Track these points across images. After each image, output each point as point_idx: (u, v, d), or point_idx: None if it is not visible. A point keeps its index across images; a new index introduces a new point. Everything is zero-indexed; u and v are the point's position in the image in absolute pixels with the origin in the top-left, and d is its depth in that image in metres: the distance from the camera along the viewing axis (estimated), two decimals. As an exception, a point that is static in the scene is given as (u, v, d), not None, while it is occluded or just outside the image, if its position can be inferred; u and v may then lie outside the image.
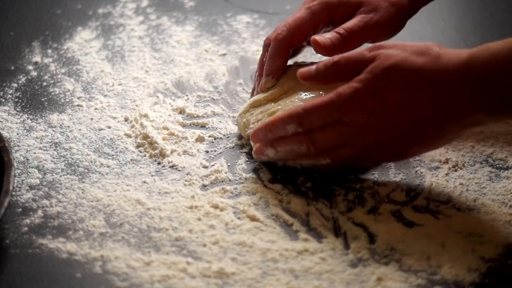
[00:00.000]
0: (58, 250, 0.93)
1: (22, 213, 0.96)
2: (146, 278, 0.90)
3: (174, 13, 1.32)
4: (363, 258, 0.93)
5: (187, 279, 0.90)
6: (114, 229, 0.95)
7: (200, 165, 1.05)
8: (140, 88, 1.17)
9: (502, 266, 0.92)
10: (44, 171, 1.02)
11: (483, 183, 1.02)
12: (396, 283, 0.90)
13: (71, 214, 0.97)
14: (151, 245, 0.94)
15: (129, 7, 1.33)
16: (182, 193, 1.00)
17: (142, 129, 1.09)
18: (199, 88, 1.17)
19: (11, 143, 1.06)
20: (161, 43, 1.26)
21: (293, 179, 1.03)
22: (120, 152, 1.06)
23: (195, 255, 0.93)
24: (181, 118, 1.12)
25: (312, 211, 0.98)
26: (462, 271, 0.91)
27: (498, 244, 0.94)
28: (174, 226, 0.96)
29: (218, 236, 0.95)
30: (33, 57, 1.21)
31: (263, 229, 0.96)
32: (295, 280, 0.90)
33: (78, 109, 1.13)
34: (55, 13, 1.31)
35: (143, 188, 1.01)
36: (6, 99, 1.13)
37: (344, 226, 0.96)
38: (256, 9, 1.34)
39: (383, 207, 0.99)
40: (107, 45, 1.25)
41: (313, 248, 0.94)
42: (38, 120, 1.10)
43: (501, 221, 0.97)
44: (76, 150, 1.06)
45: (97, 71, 1.20)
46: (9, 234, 0.94)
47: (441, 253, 0.93)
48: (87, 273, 0.90)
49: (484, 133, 1.09)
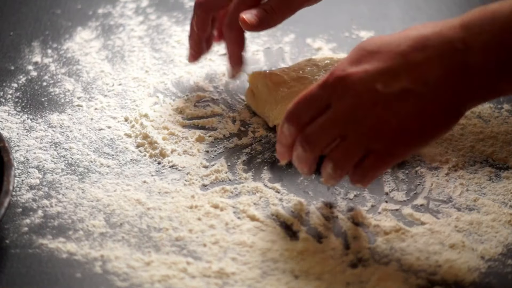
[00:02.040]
0: (58, 250, 0.93)
1: (22, 213, 0.96)
2: (146, 278, 0.90)
3: (174, 13, 1.32)
4: (363, 258, 0.93)
5: (187, 279, 0.90)
6: (114, 229, 0.95)
7: (200, 165, 1.05)
8: (140, 88, 1.17)
9: (502, 266, 0.92)
10: (44, 171, 1.02)
11: (483, 183, 1.02)
12: (396, 283, 0.90)
13: (71, 214, 0.97)
14: (151, 245, 0.94)
15: (129, 7, 1.33)
16: (182, 193, 1.00)
17: (142, 129, 1.09)
18: (199, 88, 1.17)
19: (11, 143, 1.06)
20: (161, 43, 1.26)
21: (293, 179, 1.03)
22: (120, 152, 1.06)
23: (195, 255, 0.93)
24: (181, 118, 1.12)
25: (312, 211, 0.98)
26: (462, 271, 0.91)
27: (498, 244, 0.94)
28: (174, 226, 0.96)
29: (218, 236, 0.95)
30: (33, 57, 1.21)
31: (263, 229, 0.96)
32: (295, 280, 0.90)
33: (78, 109, 1.13)
34: (55, 13, 1.31)
35: (143, 188, 1.01)
36: (6, 99, 1.13)
37: (344, 226, 0.97)
38: (256, 9, 1.33)
39: (383, 207, 0.99)
40: (107, 45, 1.25)
41: (313, 248, 0.94)
42: (38, 120, 1.10)
43: (501, 221, 0.97)
44: (76, 150, 1.06)
45: (97, 71, 1.20)
46: (9, 234, 0.94)
47: (441, 253, 0.93)
48: (87, 273, 0.90)
49: (484, 133, 1.09)
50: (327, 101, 0.89)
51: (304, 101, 0.90)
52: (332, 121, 0.88)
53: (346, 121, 0.88)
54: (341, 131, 0.89)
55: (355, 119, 0.87)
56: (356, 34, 1.29)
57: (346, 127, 0.88)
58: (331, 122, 0.89)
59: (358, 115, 0.87)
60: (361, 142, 0.88)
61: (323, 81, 0.89)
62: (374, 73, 0.86)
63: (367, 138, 0.88)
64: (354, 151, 0.89)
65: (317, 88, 0.89)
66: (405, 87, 0.86)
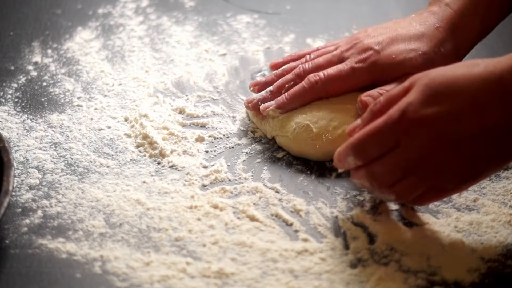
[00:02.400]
0: (58, 250, 0.93)
1: (21, 213, 0.96)
2: (145, 278, 0.90)
3: (174, 13, 1.32)
4: (362, 258, 0.93)
5: (187, 279, 0.90)
6: (113, 229, 0.95)
7: (200, 165, 1.05)
8: (140, 88, 1.17)
9: (502, 266, 0.92)
10: (43, 171, 1.02)
11: (483, 183, 1.02)
12: (396, 284, 0.90)
13: (71, 214, 0.97)
14: (150, 245, 0.94)
15: (129, 7, 1.33)
16: (182, 193, 1.00)
17: (142, 129, 1.09)
18: (199, 88, 1.17)
19: (11, 143, 1.06)
20: (161, 43, 1.26)
21: (293, 179, 1.03)
22: (120, 152, 1.06)
23: (195, 255, 0.93)
24: (181, 118, 1.12)
25: (312, 211, 0.98)
26: (462, 271, 0.91)
27: (498, 244, 0.94)
28: (173, 226, 0.96)
29: (217, 236, 0.95)
30: (33, 57, 1.21)
31: (262, 229, 0.96)
32: (294, 280, 0.90)
33: (78, 109, 1.13)
34: (55, 13, 1.31)
35: (142, 188, 1.01)
36: (6, 99, 1.13)
37: (344, 226, 0.96)
38: (256, 9, 1.34)
39: (383, 207, 0.99)
40: (107, 45, 1.25)
41: (313, 248, 0.94)
42: (38, 120, 1.10)
43: (501, 221, 0.97)
44: (76, 150, 1.06)
45: (97, 71, 1.20)
46: (9, 234, 0.94)
47: (441, 253, 0.93)
48: (87, 273, 0.90)
49: (484, 133, 1.09)
50: (397, 140, 0.90)
51: (372, 137, 0.91)
52: (402, 161, 0.90)
53: (416, 162, 0.89)
54: (410, 170, 0.90)
55: (425, 160, 0.89)
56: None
57: (415, 167, 0.90)
58: (401, 162, 0.90)
59: (428, 156, 0.89)
60: (428, 181, 0.90)
61: (393, 120, 0.90)
62: (446, 116, 0.88)
63: (434, 178, 0.90)
64: (419, 188, 0.91)
65: (387, 126, 0.90)
66: (475, 131, 0.87)
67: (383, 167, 0.91)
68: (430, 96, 0.88)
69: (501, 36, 1.22)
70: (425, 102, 0.88)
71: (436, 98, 0.88)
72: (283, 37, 1.28)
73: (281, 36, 1.28)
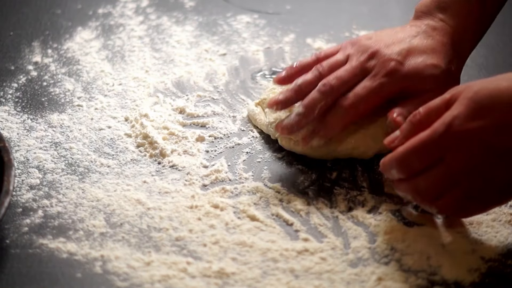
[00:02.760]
0: (59, 250, 0.93)
1: (22, 213, 0.96)
2: (146, 278, 0.90)
3: (174, 13, 1.32)
4: (363, 258, 0.93)
5: (187, 279, 0.90)
6: (114, 229, 0.95)
7: (200, 164, 1.05)
8: (140, 88, 1.17)
9: (502, 266, 0.92)
10: (44, 171, 1.02)
11: (483, 183, 1.02)
12: (396, 283, 0.90)
13: (71, 214, 0.97)
14: (151, 245, 0.94)
15: (129, 7, 1.33)
16: (182, 192, 1.00)
17: (142, 129, 1.09)
18: (199, 88, 1.17)
19: (11, 143, 1.06)
20: (161, 43, 1.26)
21: (293, 179, 1.03)
22: (120, 152, 1.06)
23: (195, 255, 0.93)
24: (181, 118, 1.12)
25: (312, 210, 0.98)
26: (462, 271, 0.91)
27: (498, 244, 0.94)
28: (174, 226, 0.96)
29: (218, 236, 0.95)
30: (33, 57, 1.21)
31: (263, 229, 0.96)
32: (295, 280, 0.90)
33: (78, 109, 1.13)
34: (55, 13, 1.31)
35: (143, 188, 1.01)
36: (6, 99, 1.13)
37: (344, 226, 0.97)
38: (256, 9, 1.34)
39: (383, 207, 0.99)
40: (107, 45, 1.25)
41: (313, 248, 0.94)
42: (38, 120, 1.10)
43: (501, 221, 0.97)
44: (76, 150, 1.06)
45: (97, 71, 1.20)
46: (9, 234, 0.94)
47: (441, 253, 0.93)
48: (88, 273, 0.90)
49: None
50: (441, 154, 0.90)
51: (416, 151, 0.91)
52: (447, 175, 0.90)
53: (462, 175, 0.89)
54: (454, 184, 0.90)
55: (471, 174, 0.89)
56: (356, 34, 1.29)
57: (460, 181, 0.90)
58: (446, 176, 0.90)
59: (474, 169, 0.89)
60: (471, 194, 0.90)
61: (438, 134, 0.89)
62: (491, 129, 0.88)
63: (477, 191, 0.90)
64: (463, 201, 0.91)
65: (432, 140, 0.90)
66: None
67: (427, 181, 0.91)
68: (475, 109, 0.88)
69: (501, 36, 1.22)
70: (470, 116, 0.88)
71: (481, 111, 0.88)
72: (283, 37, 1.28)
73: (281, 36, 1.28)
